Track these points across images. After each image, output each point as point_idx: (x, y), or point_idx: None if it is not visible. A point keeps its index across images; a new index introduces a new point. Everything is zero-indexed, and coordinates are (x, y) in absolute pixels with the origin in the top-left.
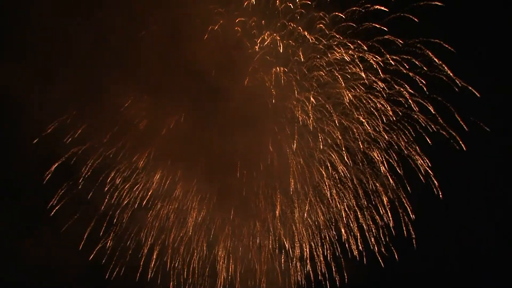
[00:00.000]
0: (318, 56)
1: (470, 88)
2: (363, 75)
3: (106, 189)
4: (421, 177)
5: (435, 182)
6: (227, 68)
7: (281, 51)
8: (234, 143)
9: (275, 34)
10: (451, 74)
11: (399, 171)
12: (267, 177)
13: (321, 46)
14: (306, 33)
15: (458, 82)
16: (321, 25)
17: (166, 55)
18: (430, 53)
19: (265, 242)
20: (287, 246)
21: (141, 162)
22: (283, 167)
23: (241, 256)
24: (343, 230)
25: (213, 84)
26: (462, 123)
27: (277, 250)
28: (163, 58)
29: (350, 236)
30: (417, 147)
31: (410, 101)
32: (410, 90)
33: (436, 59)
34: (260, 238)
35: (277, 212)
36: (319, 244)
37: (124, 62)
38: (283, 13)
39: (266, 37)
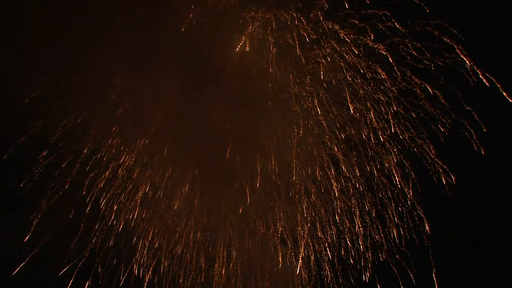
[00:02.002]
0: (315, 46)
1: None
2: (364, 63)
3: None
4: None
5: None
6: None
7: (272, 40)
8: (229, 128)
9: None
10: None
11: (412, 174)
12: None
13: (316, 36)
14: (299, 15)
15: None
16: (316, 11)
17: (150, 29)
18: (446, 40)
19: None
20: (289, 244)
21: (128, 165)
22: (283, 163)
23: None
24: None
25: (203, 60)
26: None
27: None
28: (147, 31)
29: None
30: (431, 146)
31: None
32: (417, 80)
33: (456, 47)
34: (260, 234)
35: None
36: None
37: (107, 40)
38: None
39: (256, 28)
